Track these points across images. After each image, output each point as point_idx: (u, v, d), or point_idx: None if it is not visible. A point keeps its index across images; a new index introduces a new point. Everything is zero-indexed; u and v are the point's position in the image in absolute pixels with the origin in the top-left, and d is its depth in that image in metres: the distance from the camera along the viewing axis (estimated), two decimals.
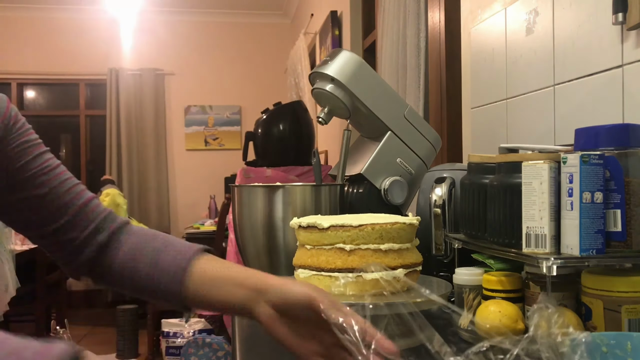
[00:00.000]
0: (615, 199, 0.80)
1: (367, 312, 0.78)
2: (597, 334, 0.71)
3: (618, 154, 0.80)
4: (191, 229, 4.69)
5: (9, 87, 5.97)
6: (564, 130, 1.21)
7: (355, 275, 0.89)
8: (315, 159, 1.32)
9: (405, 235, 0.92)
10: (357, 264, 0.89)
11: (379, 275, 0.88)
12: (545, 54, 1.26)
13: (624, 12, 0.98)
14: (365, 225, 0.89)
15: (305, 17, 4.90)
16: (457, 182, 1.12)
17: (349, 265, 0.89)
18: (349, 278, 0.89)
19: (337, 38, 3.74)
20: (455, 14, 1.83)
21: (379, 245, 0.89)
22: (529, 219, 0.83)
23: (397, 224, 0.90)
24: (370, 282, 0.88)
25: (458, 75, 1.81)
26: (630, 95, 1.00)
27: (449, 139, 1.93)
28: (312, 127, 2.41)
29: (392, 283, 0.87)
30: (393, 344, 0.67)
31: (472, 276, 0.96)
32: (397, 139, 1.26)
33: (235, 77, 6.16)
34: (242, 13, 6.15)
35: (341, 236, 0.90)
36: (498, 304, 0.89)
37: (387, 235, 0.90)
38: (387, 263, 0.89)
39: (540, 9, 1.29)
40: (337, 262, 0.90)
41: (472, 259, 1.00)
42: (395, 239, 0.91)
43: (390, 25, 2.42)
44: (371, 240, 0.89)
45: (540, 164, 0.82)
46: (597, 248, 0.79)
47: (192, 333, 3.10)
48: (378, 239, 0.89)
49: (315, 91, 1.26)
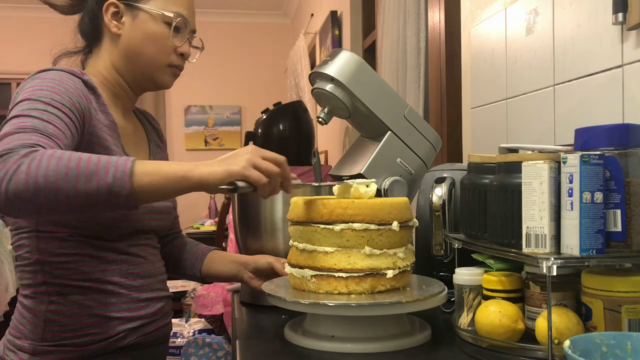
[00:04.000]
0: (615, 199, 0.80)
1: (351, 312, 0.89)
2: (597, 334, 0.71)
3: (618, 154, 0.80)
4: (191, 229, 4.69)
5: (9, 87, 5.97)
6: (564, 130, 1.21)
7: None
8: (315, 159, 1.32)
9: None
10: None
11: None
12: (545, 54, 1.26)
13: (624, 12, 0.98)
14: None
15: (305, 17, 4.90)
16: (457, 182, 1.12)
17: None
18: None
19: (337, 38, 3.74)
20: (455, 14, 1.83)
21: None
22: (529, 219, 0.83)
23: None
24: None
25: (458, 75, 1.81)
26: (630, 95, 1.00)
27: (449, 139, 1.93)
28: (312, 127, 2.41)
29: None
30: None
31: (472, 276, 0.96)
32: (397, 139, 1.26)
33: (235, 77, 6.16)
34: (242, 13, 6.15)
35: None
36: (498, 304, 0.89)
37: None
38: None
39: (540, 9, 1.29)
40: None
41: (472, 259, 1.00)
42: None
43: (390, 25, 2.42)
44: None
45: (540, 164, 0.82)
46: (597, 248, 0.79)
47: (192, 333, 3.10)
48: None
49: (315, 91, 1.26)
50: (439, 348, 0.94)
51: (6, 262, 3.27)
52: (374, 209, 0.94)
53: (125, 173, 0.86)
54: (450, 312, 1.08)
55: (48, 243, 1.06)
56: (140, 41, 1.15)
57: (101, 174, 0.85)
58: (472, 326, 0.92)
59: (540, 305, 0.86)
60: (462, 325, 0.95)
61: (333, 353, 0.90)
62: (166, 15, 1.15)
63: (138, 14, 1.14)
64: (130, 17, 1.15)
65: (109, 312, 1.07)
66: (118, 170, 0.86)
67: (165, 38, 1.15)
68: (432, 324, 1.01)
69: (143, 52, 1.15)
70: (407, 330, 0.97)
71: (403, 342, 0.93)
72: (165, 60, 1.17)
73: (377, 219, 0.94)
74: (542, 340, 0.82)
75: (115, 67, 1.17)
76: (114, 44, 1.16)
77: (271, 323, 1.09)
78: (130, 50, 1.15)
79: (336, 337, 0.93)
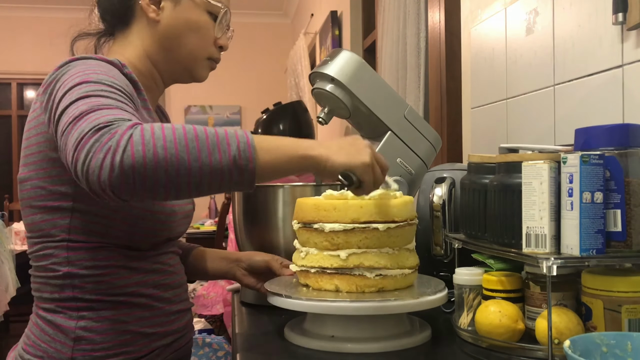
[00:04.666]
0: (615, 199, 0.80)
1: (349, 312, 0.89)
2: (597, 334, 0.71)
3: (618, 154, 0.80)
4: (191, 229, 4.68)
5: (9, 87, 5.97)
6: (564, 130, 1.21)
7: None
8: None
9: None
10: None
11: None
12: (545, 54, 1.26)
13: (624, 12, 0.98)
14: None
15: (305, 17, 4.90)
16: (457, 182, 1.12)
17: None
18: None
19: (337, 38, 3.74)
20: (455, 14, 1.83)
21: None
22: (529, 219, 0.83)
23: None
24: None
25: (458, 75, 1.81)
26: (630, 95, 1.00)
27: (449, 139, 1.93)
28: (312, 127, 2.41)
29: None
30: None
31: (472, 276, 0.96)
32: (397, 139, 1.26)
33: (235, 77, 6.16)
34: (242, 13, 6.15)
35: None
36: (498, 304, 0.89)
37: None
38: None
39: (540, 9, 1.29)
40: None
41: (472, 259, 1.00)
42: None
43: (390, 25, 2.42)
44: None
45: (540, 164, 0.82)
46: (597, 248, 0.79)
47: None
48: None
49: (315, 91, 1.26)
50: (439, 348, 0.94)
51: (6, 262, 3.26)
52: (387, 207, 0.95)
53: (249, 145, 0.77)
54: (450, 312, 1.08)
55: (79, 254, 0.96)
56: (182, 30, 1.06)
57: (223, 145, 0.76)
58: (472, 326, 0.92)
59: (540, 305, 0.86)
60: (462, 325, 0.95)
61: (333, 353, 0.90)
62: (212, 4, 1.07)
63: (180, 0, 1.06)
64: (172, 3, 1.06)
65: (142, 328, 0.99)
66: (241, 142, 0.77)
67: (209, 28, 1.08)
68: (432, 324, 1.01)
69: (184, 41, 1.07)
70: (407, 330, 0.97)
71: (403, 342, 0.93)
72: (205, 52, 1.10)
73: (389, 219, 0.94)
74: (542, 340, 0.82)
75: (149, 56, 1.08)
76: (149, 30, 1.07)
77: (271, 323, 1.09)
78: (169, 38, 1.07)
79: (336, 337, 0.93)
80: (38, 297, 1.00)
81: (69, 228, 0.96)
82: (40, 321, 0.98)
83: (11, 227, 3.90)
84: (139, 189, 0.75)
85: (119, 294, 0.97)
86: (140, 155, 0.73)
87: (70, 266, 0.96)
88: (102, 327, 0.96)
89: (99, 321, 0.96)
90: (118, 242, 0.97)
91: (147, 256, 1.01)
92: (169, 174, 0.74)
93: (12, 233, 3.83)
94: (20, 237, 3.89)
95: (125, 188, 0.74)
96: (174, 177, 0.74)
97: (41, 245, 0.98)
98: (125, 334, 0.97)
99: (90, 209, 0.95)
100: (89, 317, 0.96)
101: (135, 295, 0.99)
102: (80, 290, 0.96)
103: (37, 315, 0.99)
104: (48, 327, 0.96)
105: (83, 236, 0.96)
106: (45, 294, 0.98)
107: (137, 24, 1.08)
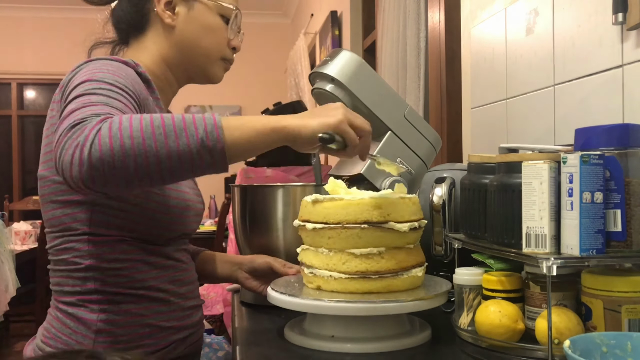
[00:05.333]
0: (615, 199, 0.80)
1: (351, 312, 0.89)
2: (597, 334, 0.71)
3: (618, 154, 0.80)
4: None
5: (9, 87, 5.97)
6: (564, 130, 1.21)
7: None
8: (315, 159, 1.32)
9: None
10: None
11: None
12: (545, 54, 1.26)
13: (624, 12, 0.98)
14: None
15: (305, 17, 4.90)
16: (457, 182, 1.12)
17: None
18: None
19: (337, 38, 3.74)
20: (455, 14, 1.83)
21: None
22: (529, 219, 0.83)
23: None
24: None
25: (458, 75, 1.81)
26: (630, 95, 1.00)
27: (449, 139, 1.93)
28: None
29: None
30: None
31: (472, 276, 0.96)
32: (397, 139, 1.26)
33: (235, 77, 6.12)
34: (242, 13, 6.15)
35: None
36: (498, 304, 0.89)
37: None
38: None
39: (540, 9, 1.29)
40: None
41: (472, 259, 1.00)
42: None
43: (390, 25, 2.43)
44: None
45: (540, 164, 0.82)
46: (597, 248, 0.79)
47: None
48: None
49: (315, 91, 1.26)
50: (439, 348, 0.94)
51: (6, 262, 3.27)
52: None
53: (216, 126, 0.79)
54: (450, 312, 1.08)
55: (100, 247, 0.98)
56: (197, 33, 1.11)
57: (190, 130, 0.78)
58: (472, 326, 0.92)
59: (540, 305, 0.86)
60: (462, 325, 0.95)
61: (333, 353, 0.90)
62: (224, 7, 1.12)
63: (194, 5, 1.10)
64: (186, 8, 1.10)
65: (160, 322, 1.02)
66: (208, 124, 0.79)
67: (222, 30, 1.13)
68: (432, 324, 1.01)
69: (200, 44, 1.11)
70: (407, 330, 0.97)
71: (403, 342, 0.93)
72: (220, 53, 1.14)
73: (404, 218, 0.95)
74: (542, 340, 0.82)
75: (164, 60, 1.12)
76: (165, 35, 1.11)
77: (271, 323, 1.09)
78: (185, 42, 1.11)
79: (336, 337, 0.93)
80: (58, 291, 1.02)
81: (89, 221, 0.98)
82: (61, 314, 1.00)
83: (11, 227, 3.91)
84: (110, 180, 0.77)
85: (139, 287, 1.00)
86: (107, 147, 0.75)
87: (92, 259, 0.98)
88: (123, 320, 0.99)
89: (119, 314, 0.99)
90: (136, 235, 1.01)
91: (165, 251, 1.05)
92: (137, 162, 0.76)
93: (12, 233, 3.83)
94: (20, 237, 3.89)
95: (98, 180, 0.77)
96: (143, 165, 0.76)
97: (62, 239, 1.00)
98: (144, 327, 1.00)
99: (111, 203, 0.99)
100: (110, 311, 0.98)
101: (153, 289, 1.02)
102: (102, 284, 0.98)
103: (57, 308, 1.01)
104: (69, 320, 0.99)
105: (103, 229, 0.99)
106: (66, 288, 1.00)
107: (152, 29, 1.12)
